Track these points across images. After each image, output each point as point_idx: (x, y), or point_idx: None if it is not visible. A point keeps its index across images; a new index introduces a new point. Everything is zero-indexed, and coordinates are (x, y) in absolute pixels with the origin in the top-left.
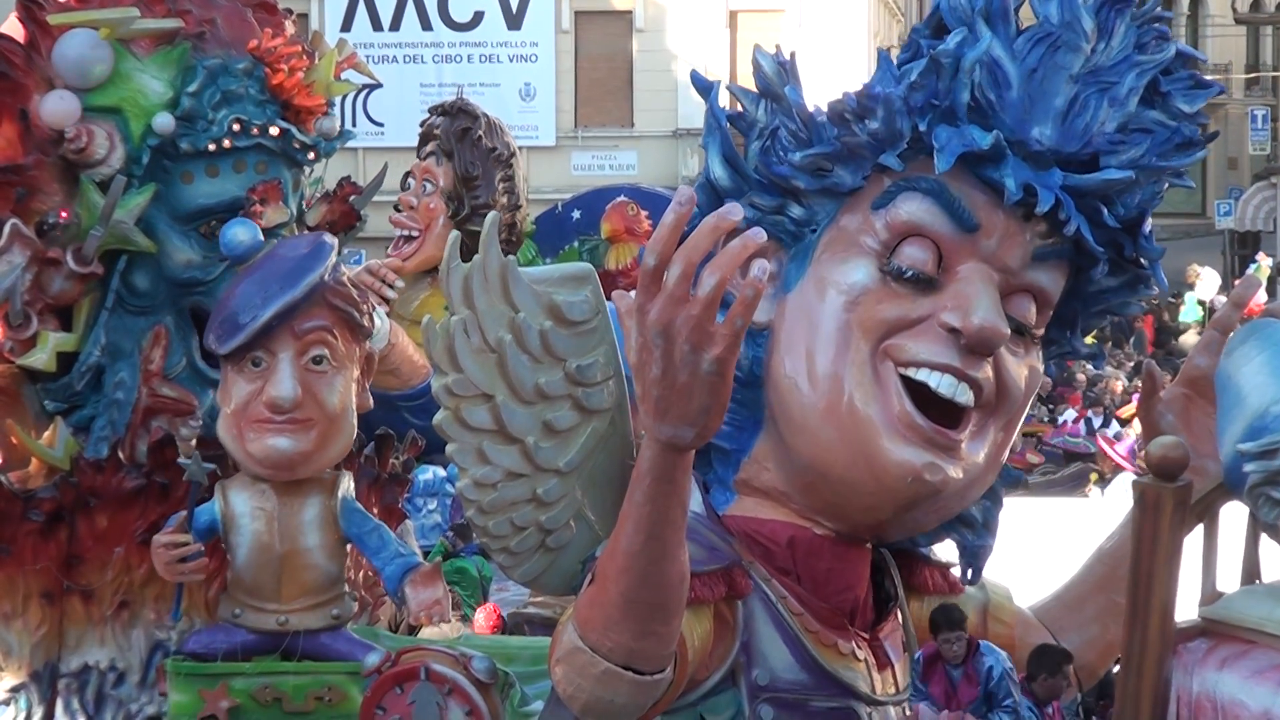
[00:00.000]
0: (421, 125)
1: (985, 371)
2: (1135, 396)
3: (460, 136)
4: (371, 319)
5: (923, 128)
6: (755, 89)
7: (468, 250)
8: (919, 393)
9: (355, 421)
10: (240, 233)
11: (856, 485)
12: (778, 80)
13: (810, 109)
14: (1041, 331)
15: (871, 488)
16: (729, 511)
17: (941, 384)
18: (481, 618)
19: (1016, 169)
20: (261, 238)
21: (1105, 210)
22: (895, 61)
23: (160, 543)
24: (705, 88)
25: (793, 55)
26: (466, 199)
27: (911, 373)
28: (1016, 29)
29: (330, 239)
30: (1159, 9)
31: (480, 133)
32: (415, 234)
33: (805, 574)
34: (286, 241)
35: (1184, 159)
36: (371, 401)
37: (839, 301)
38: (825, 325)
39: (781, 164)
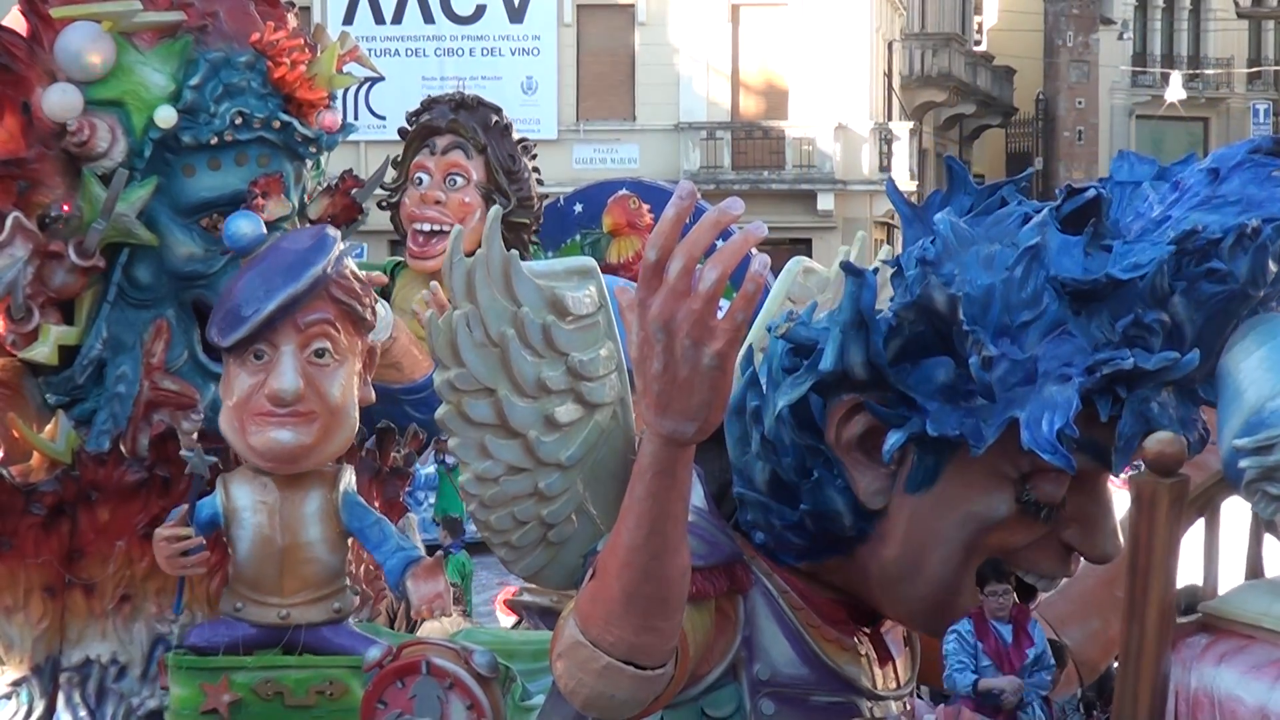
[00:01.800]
0: (414, 117)
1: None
2: None
3: (490, 129)
4: (374, 311)
5: (1103, 416)
6: (916, 302)
7: (511, 243)
8: None
9: (357, 415)
10: (244, 225)
11: (932, 630)
12: (949, 318)
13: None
14: None
15: (941, 630)
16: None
17: (1048, 588)
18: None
19: (1173, 422)
20: (265, 231)
21: None
22: (1060, 281)
23: (162, 536)
24: (858, 274)
25: (985, 354)
26: (511, 191)
27: (1022, 574)
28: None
29: (333, 232)
30: None
31: (506, 122)
32: (445, 229)
33: (829, 608)
34: (290, 234)
35: None
36: (374, 394)
37: (972, 528)
38: (952, 543)
39: (945, 424)
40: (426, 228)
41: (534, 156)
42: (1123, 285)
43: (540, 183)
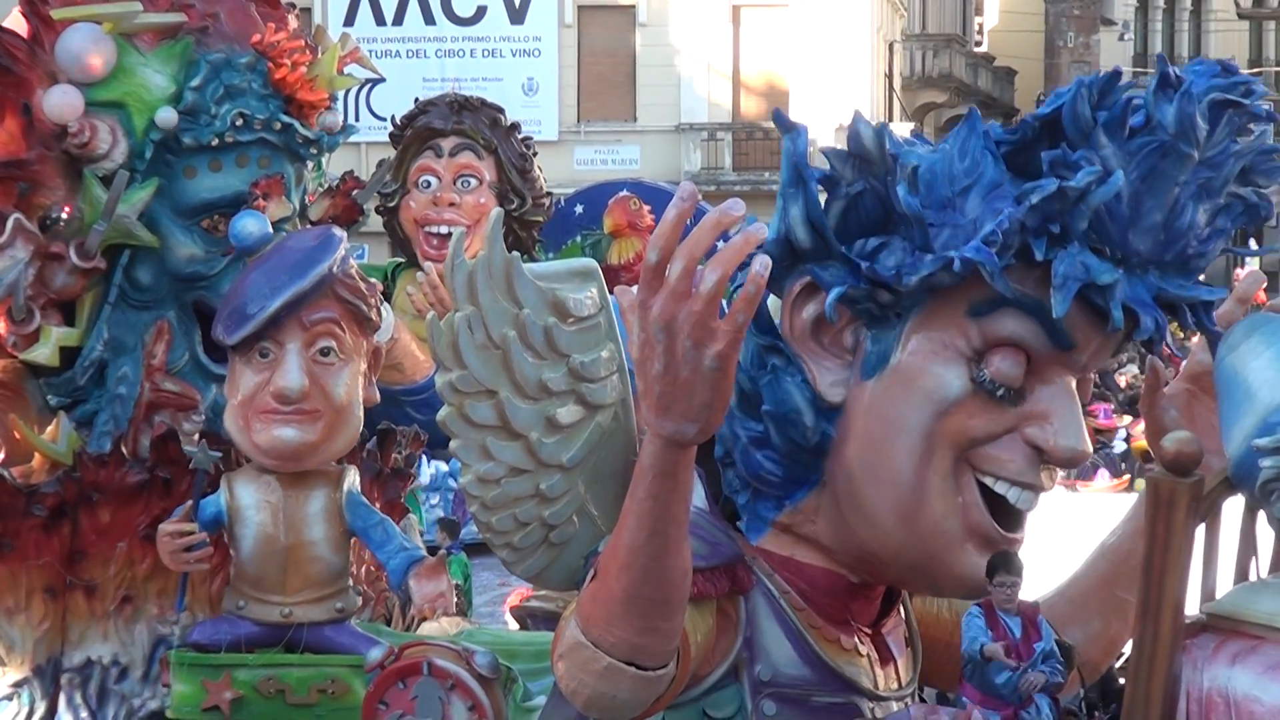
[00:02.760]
0: (408, 121)
1: (1054, 477)
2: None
3: (498, 129)
4: (380, 312)
5: (1039, 255)
6: (846, 148)
7: (520, 242)
8: (989, 496)
9: (361, 414)
10: (250, 224)
11: (921, 578)
12: (878, 157)
13: (918, 210)
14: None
15: (938, 584)
16: (762, 544)
17: (1020, 499)
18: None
19: (1120, 291)
20: (270, 230)
21: (1187, 310)
22: (995, 140)
23: (165, 531)
24: (789, 128)
25: (914, 169)
26: (526, 191)
27: (991, 483)
28: (1129, 133)
29: (339, 231)
30: (1262, 91)
31: (511, 122)
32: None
33: (831, 608)
34: (296, 234)
35: (1255, 227)
36: (378, 395)
37: (928, 410)
38: (910, 430)
39: (876, 251)
40: (444, 230)
41: (535, 154)
42: (1048, 126)
43: (543, 180)
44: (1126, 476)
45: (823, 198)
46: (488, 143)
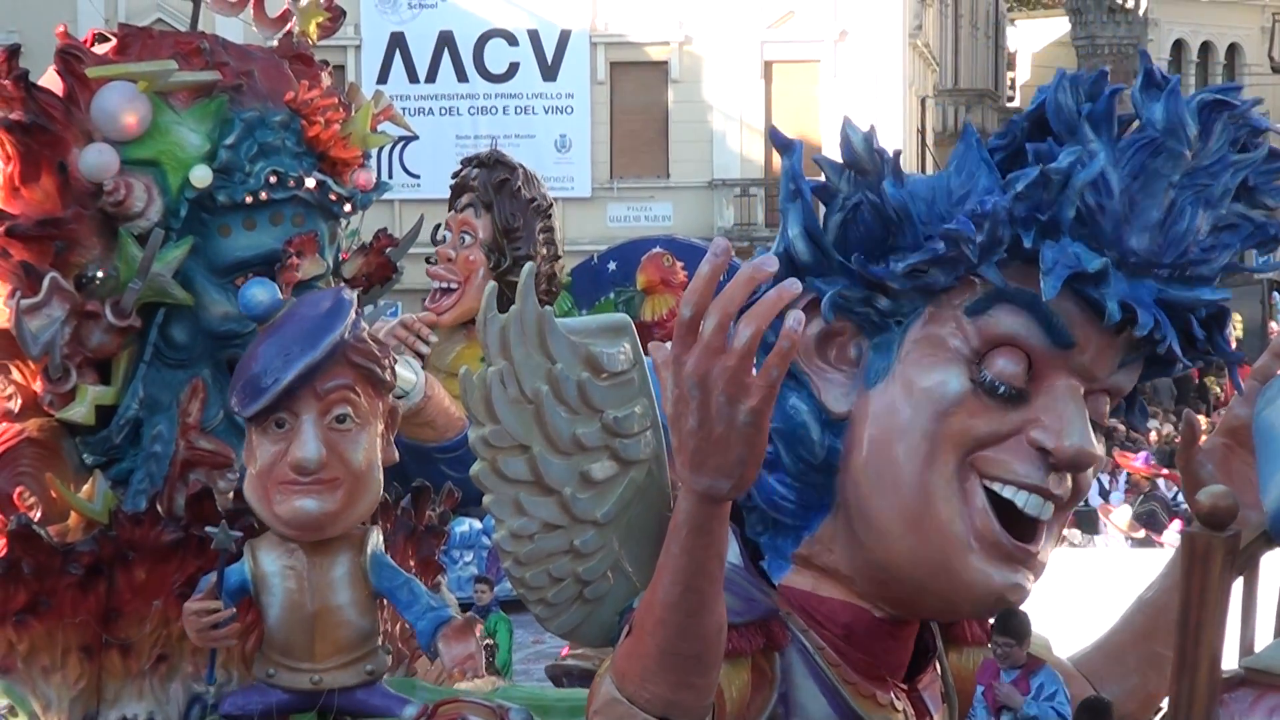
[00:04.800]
0: (454, 177)
1: (1066, 485)
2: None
3: (499, 188)
4: (394, 372)
5: (1027, 244)
6: (840, 159)
7: (506, 302)
8: (1000, 506)
9: (381, 476)
10: (259, 293)
11: (934, 593)
12: (868, 158)
13: (905, 205)
14: (1108, 422)
15: (950, 597)
16: (784, 581)
17: (1029, 504)
18: None
19: (1116, 286)
20: (280, 297)
21: (1195, 321)
22: (988, 149)
23: (191, 610)
24: (785, 145)
25: (897, 154)
26: (508, 250)
27: (998, 488)
28: (1119, 131)
29: (349, 294)
30: (1254, 105)
31: (519, 184)
32: (454, 286)
33: (858, 651)
34: (306, 299)
35: (1266, 253)
36: (397, 455)
37: (929, 410)
38: (913, 432)
39: (874, 263)
40: (438, 284)
41: (549, 216)
42: (1035, 123)
43: (552, 243)
44: None
45: (820, 212)
46: (487, 200)
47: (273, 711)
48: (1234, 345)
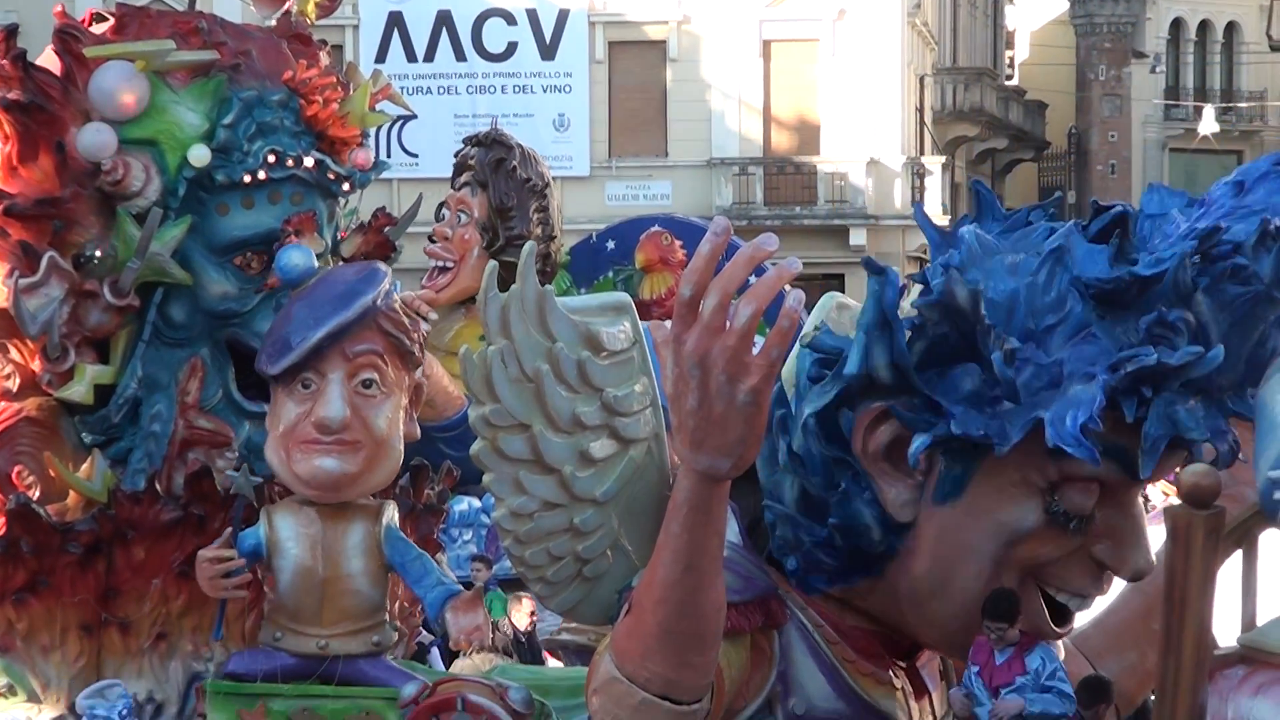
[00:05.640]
0: (456, 156)
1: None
2: None
3: (495, 167)
4: (422, 348)
5: (1129, 417)
6: (939, 300)
7: (504, 281)
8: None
9: (402, 448)
10: (296, 257)
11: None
12: (971, 314)
13: (1011, 380)
14: None
15: None
16: (808, 601)
17: (1079, 606)
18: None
19: (1201, 429)
20: (315, 263)
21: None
22: (1083, 283)
23: (205, 557)
24: (880, 272)
25: (1014, 353)
26: (501, 230)
27: (1053, 593)
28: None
29: (384, 266)
30: None
31: (515, 163)
32: (450, 265)
33: (865, 643)
34: (340, 267)
35: None
36: (419, 432)
37: (1001, 539)
38: (981, 556)
39: (970, 426)
40: (433, 263)
41: (544, 196)
42: (1147, 284)
43: (547, 223)
44: None
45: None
46: (483, 179)
47: (277, 674)
48: None
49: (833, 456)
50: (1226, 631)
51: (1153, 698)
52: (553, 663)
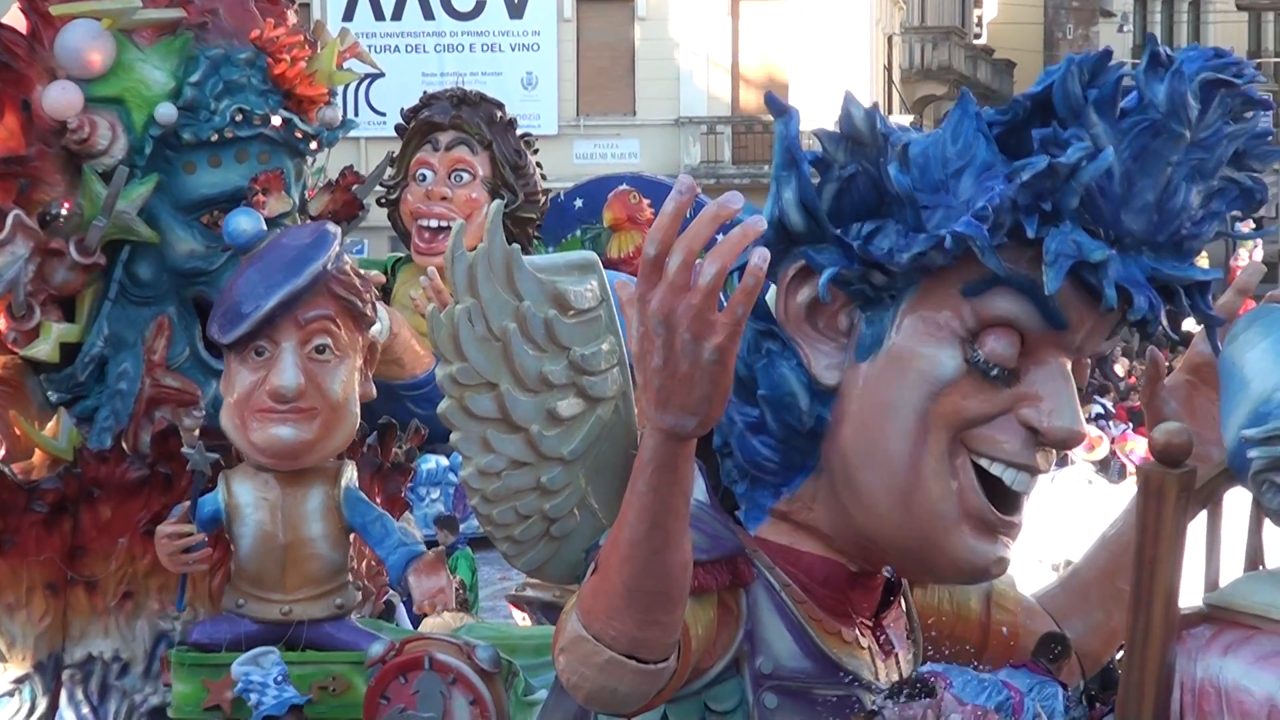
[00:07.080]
0: (412, 114)
1: (1051, 459)
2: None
3: (492, 124)
4: (374, 308)
5: (1030, 232)
6: (838, 129)
7: (513, 239)
8: (986, 479)
9: (358, 410)
10: (244, 222)
11: (918, 561)
12: (869, 135)
13: (910, 190)
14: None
15: (934, 567)
16: (760, 533)
17: (1016, 480)
18: None
19: (1113, 271)
20: (265, 227)
21: (1184, 294)
22: (986, 122)
23: (164, 533)
24: (781, 111)
25: (905, 146)
26: (518, 186)
27: (986, 464)
28: (1121, 113)
29: (333, 228)
30: (1253, 80)
31: (509, 118)
32: (451, 225)
33: (831, 600)
34: (290, 231)
35: (1249, 212)
36: (374, 391)
37: (922, 390)
38: (904, 411)
39: (871, 237)
40: (433, 224)
41: (535, 151)
42: (1038, 102)
43: (543, 178)
44: None
45: (815, 180)
46: (483, 138)
47: (242, 641)
48: (1264, 271)
49: (759, 329)
50: (1185, 591)
51: (1119, 656)
52: (519, 616)
